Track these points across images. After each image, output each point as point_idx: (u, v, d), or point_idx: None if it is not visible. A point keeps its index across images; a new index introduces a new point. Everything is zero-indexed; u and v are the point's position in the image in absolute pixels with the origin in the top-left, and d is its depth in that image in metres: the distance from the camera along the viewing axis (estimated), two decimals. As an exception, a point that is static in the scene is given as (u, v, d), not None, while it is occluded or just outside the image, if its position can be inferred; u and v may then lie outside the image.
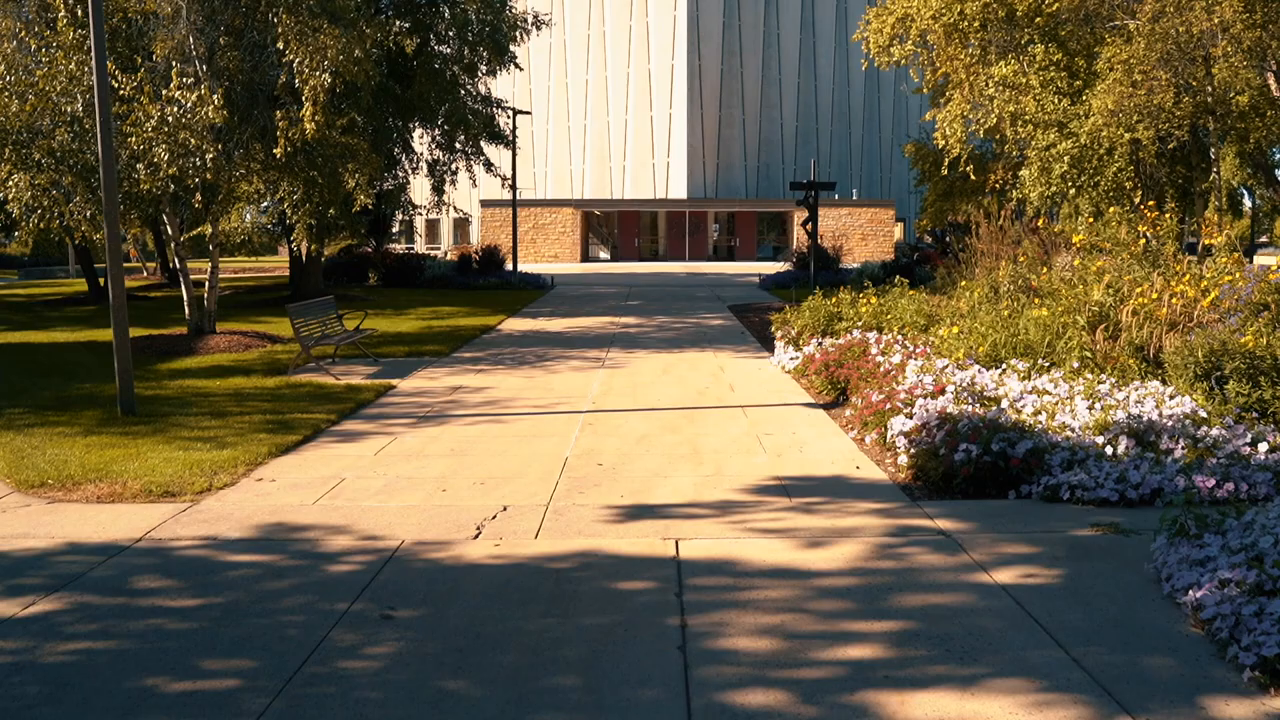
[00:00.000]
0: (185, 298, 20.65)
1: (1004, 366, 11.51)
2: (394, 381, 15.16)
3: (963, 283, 16.29)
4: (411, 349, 19.05)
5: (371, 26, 21.23)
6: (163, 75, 18.31)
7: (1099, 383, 10.35)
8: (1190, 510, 6.54)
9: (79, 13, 19.30)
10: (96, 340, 21.09)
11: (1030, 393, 10.32)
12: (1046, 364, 11.45)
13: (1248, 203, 54.92)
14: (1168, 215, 14.84)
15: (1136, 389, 10.10)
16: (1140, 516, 7.63)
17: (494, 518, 7.91)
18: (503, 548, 7.18)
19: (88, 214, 18.05)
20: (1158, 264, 13.57)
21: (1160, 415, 9.18)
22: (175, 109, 17.32)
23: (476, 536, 7.45)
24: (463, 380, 15.32)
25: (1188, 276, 12.18)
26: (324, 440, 11.12)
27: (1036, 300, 13.67)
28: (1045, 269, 14.38)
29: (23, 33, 19.11)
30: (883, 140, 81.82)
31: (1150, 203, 16.87)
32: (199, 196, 17.99)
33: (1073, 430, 9.21)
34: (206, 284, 21.04)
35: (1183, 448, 8.66)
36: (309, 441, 11.01)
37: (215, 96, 17.51)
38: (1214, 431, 8.87)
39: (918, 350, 12.90)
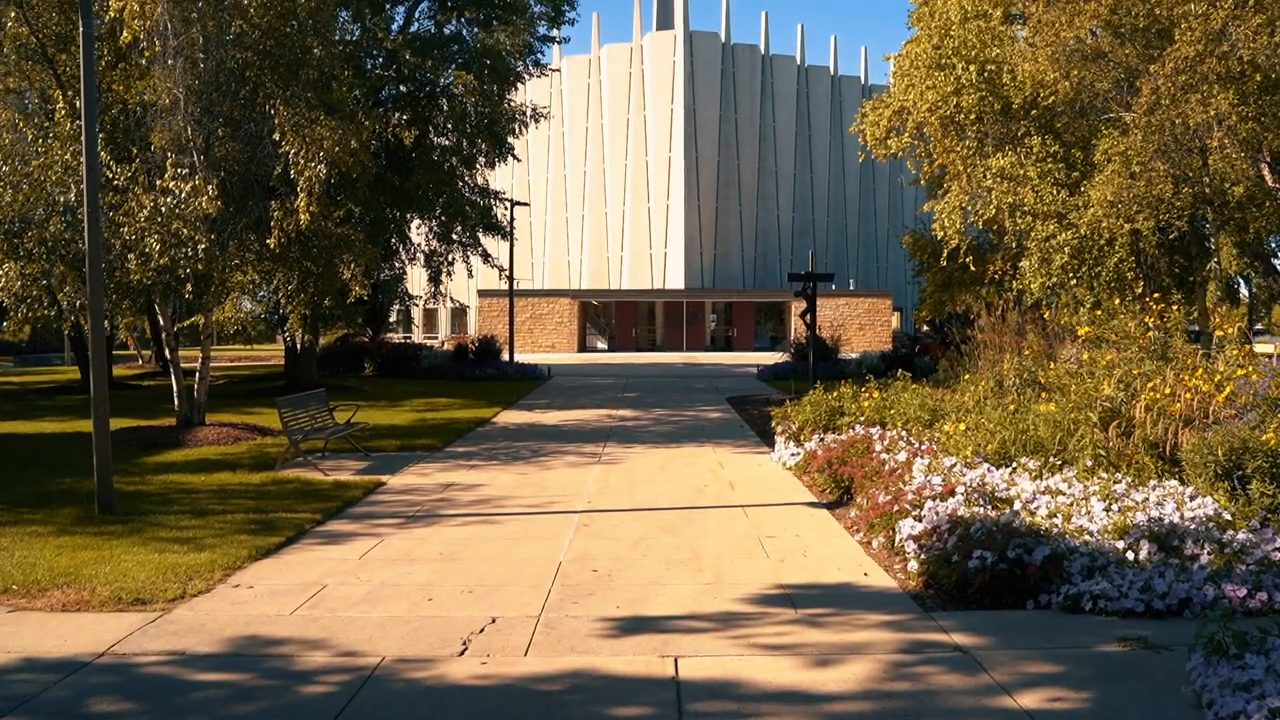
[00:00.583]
0: (175, 388, 20.29)
1: (1014, 465, 11.12)
2: (384, 478, 14.72)
3: (966, 376, 15.96)
4: (404, 443, 18.63)
5: (370, 119, 21.30)
6: (159, 165, 18.22)
7: (1114, 482, 9.95)
8: (1228, 626, 6.08)
9: (76, 104, 19.33)
10: (83, 432, 20.59)
11: (1043, 493, 9.92)
12: (1058, 462, 11.06)
13: (1244, 291, 55.04)
14: (1174, 307, 14.55)
15: (1155, 489, 9.70)
16: (1170, 629, 7.16)
17: (482, 631, 7.43)
18: (490, 666, 6.70)
19: (77, 304, 17.83)
20: (1167, 357, 13.25)
21: (1182, 518, 8.76)
22: (169, 199, 17.18)
23: (463, 653, 6.96)
24: (455, 477, 14.88)
25: (1200, 370, 11.86)
26: (308, 542, 10.65)
27: (1043, 395, 13.33)
28: (1051, 362, 14.06)
29: (21, 124, 19.11)
30: (879, 230, 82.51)
31: (1155, 294, 16.65)
32: (190, 287, 17.74)
33: (1091, 534, 8.79)
34: (197, 374, 20.70)
35: (1209, 553, 8.23)
36: (292, 543, 10.54)
37: (210, 187, 17.40)
38: (1240, 535, 8.44)
39: (923, 447, 12.50)
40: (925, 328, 57.30)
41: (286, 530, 10.98)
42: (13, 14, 20.57)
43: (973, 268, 26.90)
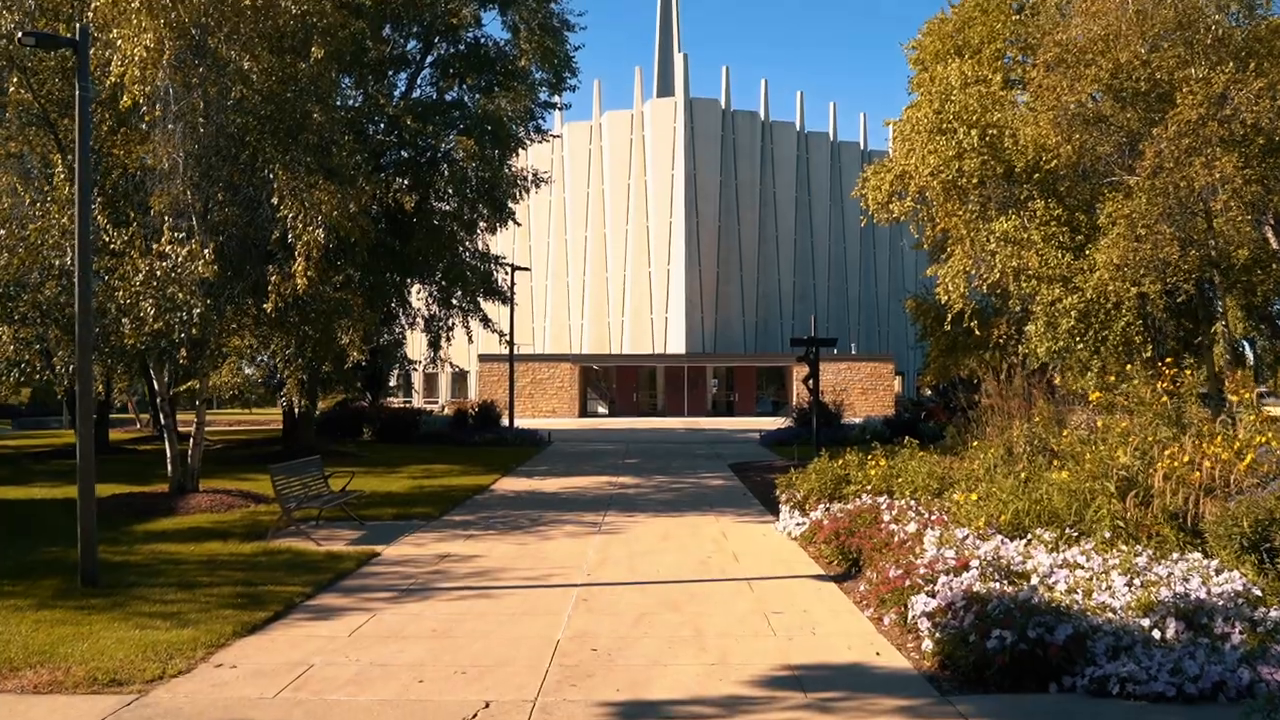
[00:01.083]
0: (169, 454, 19.96)
1: (1029, 536, 10.73)
2: (378, 548, 14.31)
3: (975, 443, 15.61)
4: (400, 511, 18.22)
5: (371, 184, 21.19)
6: (156, 229, 18.07)
7: (1135, 555, 9.56)
8: (1273, 715, 5.68)
9: (76, 167, 19.25)
10: (75, 498, 20.18)
11: (1061, 566, 9.53)
12: (1075, 533, 10.67)
13: (1249, 354, 54.95)
14: (1188, 371, 14.25)
15: (1178, 562, 9.31)
16: (1204, 716, 6.75)
17: (474, 716, 7.03)
18: (481, 756, 6.30)
19: (71, 368, 17.56)
20: (1182, 423, 12.92)
21: (1209, 593, 8.37)
22: (165, 263, 16.99)
23: (452, 742, 6.56)
24: (451, 547, 14.47)
25: (1219, 438, 11.52)
26: (296, 617, 10.25)
27: (1055, 462, 12.98)
28: (1065, 430, 13.72)
29: (20, 188, 18.99)
30: (879, 294, 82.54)
31: (1169, 359, 16.37)
32: (184, 352, 17.47)
33: (1114, 611, 8.39)
34: (191, 440, 20.36)
35: (1240, 632, 7.82)
36: (279, 619, 10.14)
37: (207, 251, 17.22)
38: (1273, 613, 8.06)
39: (933, 518, 12.12)
40: (928, 391, 56.99)
41: (275, 605, 10.58)
42: (15, 79, 20.55)
43: (977, 332, 26.65)
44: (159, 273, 16.85)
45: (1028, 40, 27.64)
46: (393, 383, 48.43)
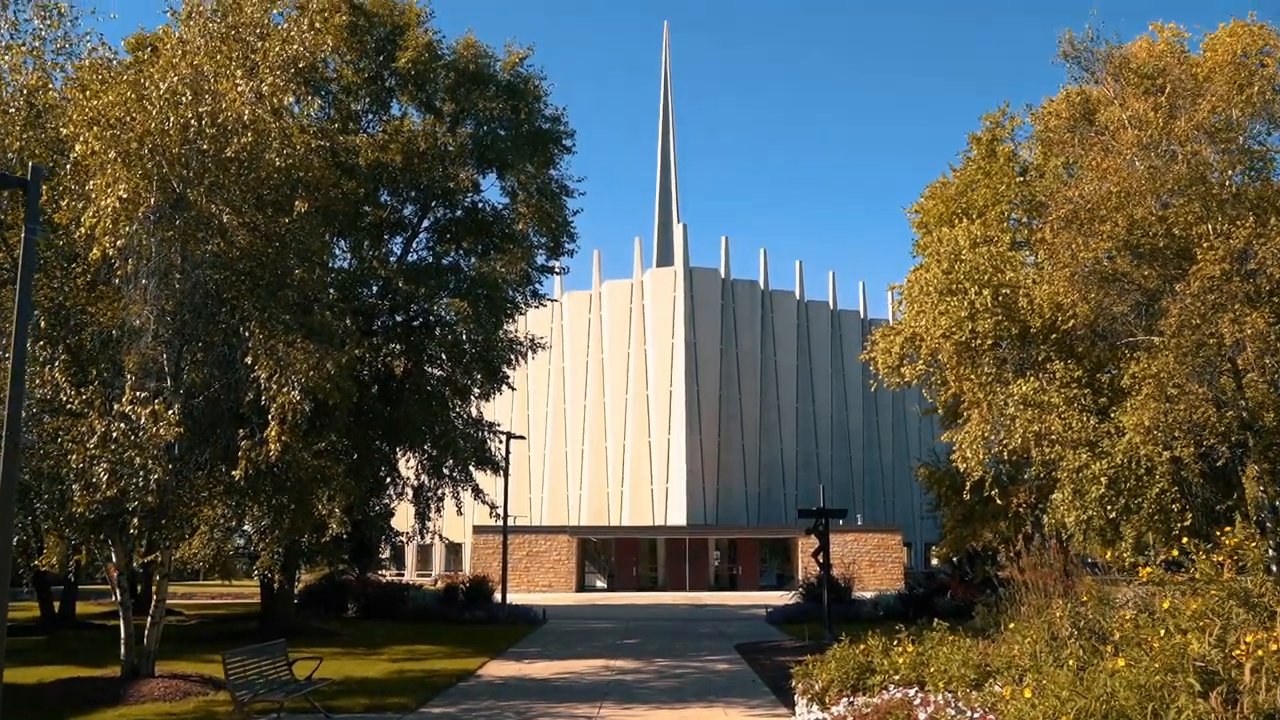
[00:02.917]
0: (123, 633, 18.30)
1: (1099, 742, 9.08)
2: (339, 749, 12.54)
3: (1010, 624, 13.97)
4: (373, 702, 16.39)
5: (360, 347, 20.15)
6: (118, 388, 16.88)
7: (1234, 768, 7.94)
8: None
9: (43, 324, 18.24)
10: (20, 684, 18.23)
11: (1146, 783, 7.90)
12: (1152, 739, 9.02)
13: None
14: (1251, 542, 12.76)
15: (1288, 778, 7.69)
16: None
17: None
18: None
19: (15, 539, 16.10)
20: (1250, 602, 11.37)
21: (1342, 823, 6.75)
22: (124, 425, 15.72)
23: None
24: (422, 747, 12.70)
25: (1308, 622, 9.97)
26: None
27: (1108, 648, 11.36)
28: (1124, 612, 12.14)
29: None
30: (884, 462, 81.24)
31: (1228, 528, 14.87)
32: (135, 521, 16.01)
33: (1227, 846, 6.74)
34: (149, 618, 18.70)
35: None
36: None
37: (171, 413, 15.98)
38: None
39: (977, 716, 10.46)
40: (935, 561, 54.93)
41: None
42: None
43: (998, 501, 25.19)
44: (116, 434, 15.58)
45: (1033, 201, 27.20)
46: (384, 555, 46.57)
